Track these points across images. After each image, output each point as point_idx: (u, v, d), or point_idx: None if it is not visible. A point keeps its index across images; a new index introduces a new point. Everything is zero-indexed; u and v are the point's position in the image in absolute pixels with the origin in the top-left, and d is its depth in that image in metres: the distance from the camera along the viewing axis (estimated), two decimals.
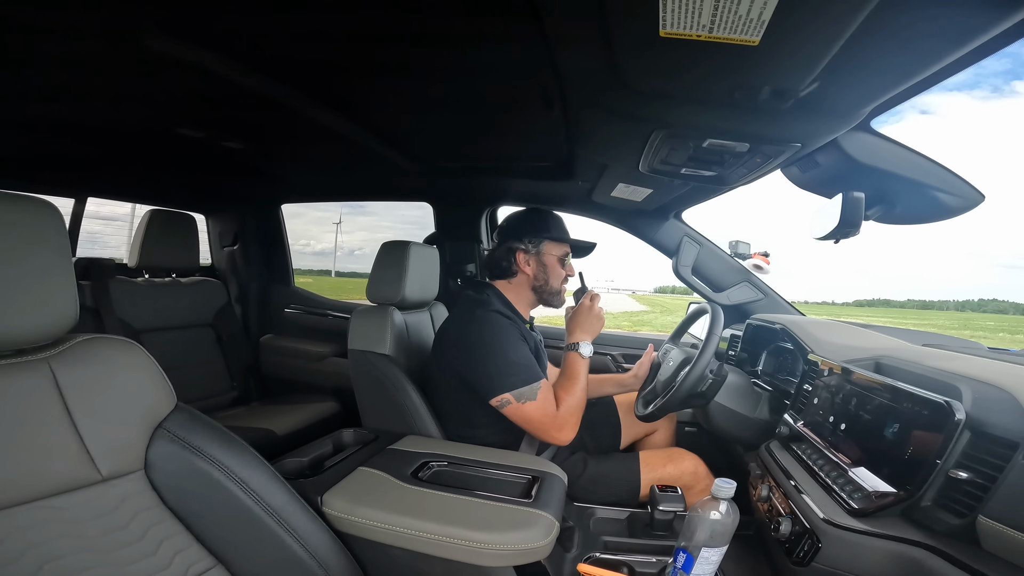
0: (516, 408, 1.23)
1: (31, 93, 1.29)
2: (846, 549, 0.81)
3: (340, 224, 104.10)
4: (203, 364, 2.33)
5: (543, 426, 1.25)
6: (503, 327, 1.30)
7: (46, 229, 0.65)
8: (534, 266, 1.45)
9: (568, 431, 1.27)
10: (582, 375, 1.33)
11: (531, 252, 1.44)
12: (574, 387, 1.30)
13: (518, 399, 1.22)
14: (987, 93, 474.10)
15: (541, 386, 1.25)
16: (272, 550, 0.80)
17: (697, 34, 0.66)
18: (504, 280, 1.47)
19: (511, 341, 1.28)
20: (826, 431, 1.02)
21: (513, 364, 1.24)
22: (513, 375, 1.23)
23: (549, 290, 1.46)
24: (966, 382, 0.80)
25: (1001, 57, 16.18)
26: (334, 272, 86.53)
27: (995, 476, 0.68)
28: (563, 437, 1.27)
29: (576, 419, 1.29)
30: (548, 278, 1.45)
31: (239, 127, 1.63)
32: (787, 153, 1.06)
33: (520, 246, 1.44)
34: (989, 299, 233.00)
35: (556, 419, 1.25)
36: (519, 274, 1.46)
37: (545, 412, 1.24)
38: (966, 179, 1.08)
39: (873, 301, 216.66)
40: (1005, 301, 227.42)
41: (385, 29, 0.97)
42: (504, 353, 1.25)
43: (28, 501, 0.63)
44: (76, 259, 2.04)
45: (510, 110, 1.37)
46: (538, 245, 1.44)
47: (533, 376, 1.25)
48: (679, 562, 0.91)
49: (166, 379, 0.78)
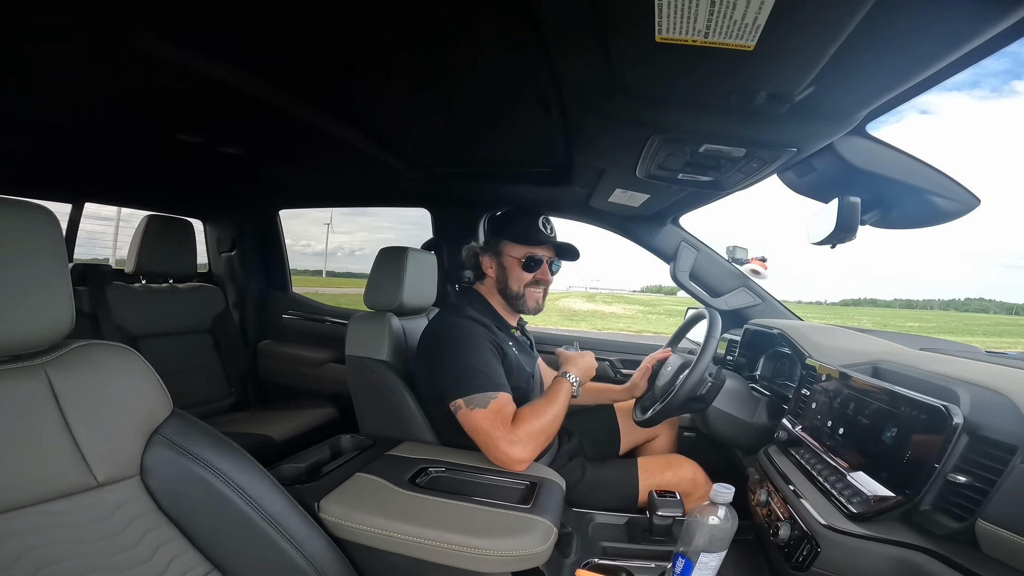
0: (465, 414, 1.18)
1: (28, 98, 1.29)
2: (845, 553, 0.81)
3: (331, 225, 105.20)
4: (200, 370, 2.33)
5: (490, 438, 1.15)
6: (468, 333, 1.27)
7: (42, 235, 0.64)
8: (496, 268, 1.43)
9: (520, 450, 1.15)
10: (560, 401, 1.24)
11: (490, 254, 1.43)
12: (546, 409, 1.21)
13: (468, 405, 1.17)
14: (987, 93, 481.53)
15: (497, 397, 1.18)
16: (269, 556, 0.80)
17: (693, 39, 0.67)
18: (482, 283, 1.48)
19: (473, 347, 1.25)
20: (824, 436, 1.02)
21: (470, 370, 1.21)
22: (466, 380, 1.19)
23: (510, 293, 1.41)
24: (964, 386, 0.80)
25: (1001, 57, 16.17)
26: (325, 272, 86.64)
27: (993, 480, 0.68)
28: (513, 454, 1.14)
29: (535, 443, 1.17)
30: (507, 280, 1.41)
31: (237, 132, 1.63)
32: (783, 158, 1.07)
33: (479, 248, 1.44)
34: (976, 298, 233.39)
35: (509, 434, 1.15)
36: (486, 277, 1.45)
37: (493, 424, 1.15)
38: (961, 183, 1.08)
39: (860, 300, 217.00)
40: (991, 300, 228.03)
41: (384, 35, 0.98)
42: (464, 358, 1.22)
43: (25, 506, 0.62)
44: (73, 264, 2.03)
45: (508, 115, 1.37)
46: (496, 246, 1.42)
47: (488, 385, 1.19)
48: (678, 567, 0.90)
49: (162, 385, 0.78)
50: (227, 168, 2.03)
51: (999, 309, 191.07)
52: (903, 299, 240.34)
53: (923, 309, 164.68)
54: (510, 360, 1.33)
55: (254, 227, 2.72)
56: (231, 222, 2.69)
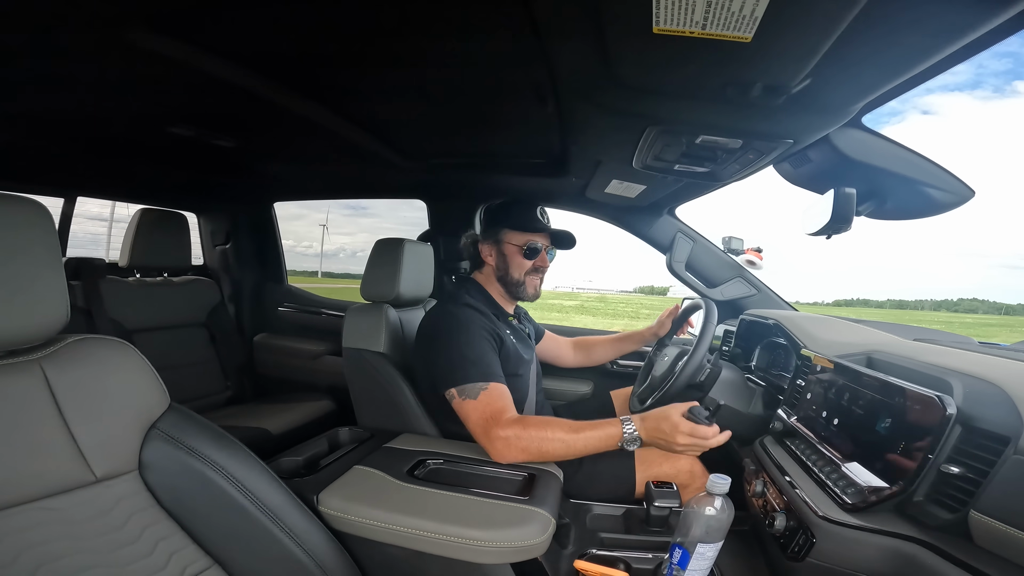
0: (458, 404, 1.19)
1: (18, 91, 1.27)
2: (840, 544, 0.82)
3: (326, 227, 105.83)
4: (197, 364, 2.33)
5: (479, 428, 1.15)
6: (465, 321, 1.28)
7: (35, 229, 0.64)
8: (495, 256, 1.45)
9: (501, 447, 1.12)
10: (585, 440, 1.12)
11: (490, 242, 1.44)
12: (558, 433, 1.12)
13: (460, 395, 1.19)
14: (989, 93, 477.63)
15: (488, 387, 1.18)
16: (269, 550, 0.80)
17: (690, 31, 0.67)
18: (479, 272, 1.49)
19: (469, 337, 1.25)
20: (819, 426, 1.03)
21: (464, 359, 1.21)
22: (461, 369, 1.20)
23: (510, 280, 1.44)
24: (957, 376, 0.81)
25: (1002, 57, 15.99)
26: (320, 272, 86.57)
27: (986, 471, 0.69)
28: (494, 448, 1.13)
29: (520, 450, 1.12)
30: (508, 268, 1.43)
31: (230, 125, 1.61)
32: (779, 149, 1.07)
33: (479, 236, 1.45)
34: (969, 298, 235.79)
35: (497, 428, 1.12)
36: (485, 265, 1.47)
37: (482, 414, 1.15)
38: (956, 175, 1.09)
39: (852, 301, 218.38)
40: (983, 301, 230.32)
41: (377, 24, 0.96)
42: (459, 348, 1.23)
43: (24, 502, 0.62)
44: (66, 259, 2.02)
45: (503, 106, 1.36)
46: (496, 234, 1.44)
47: (480, 376, 1.19)
48: (675, 558, 0.91)
49: (159, 379, 0.78)
50: (220, 161, 2.01)
51: (989, 309, 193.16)
52: (895, 299, 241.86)
53: (914, 310, 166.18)
54: (508, 348, 1.34)
55: (248, 219, 2.70)
56: (225, 215, 2.67)
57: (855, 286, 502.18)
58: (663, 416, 1.09)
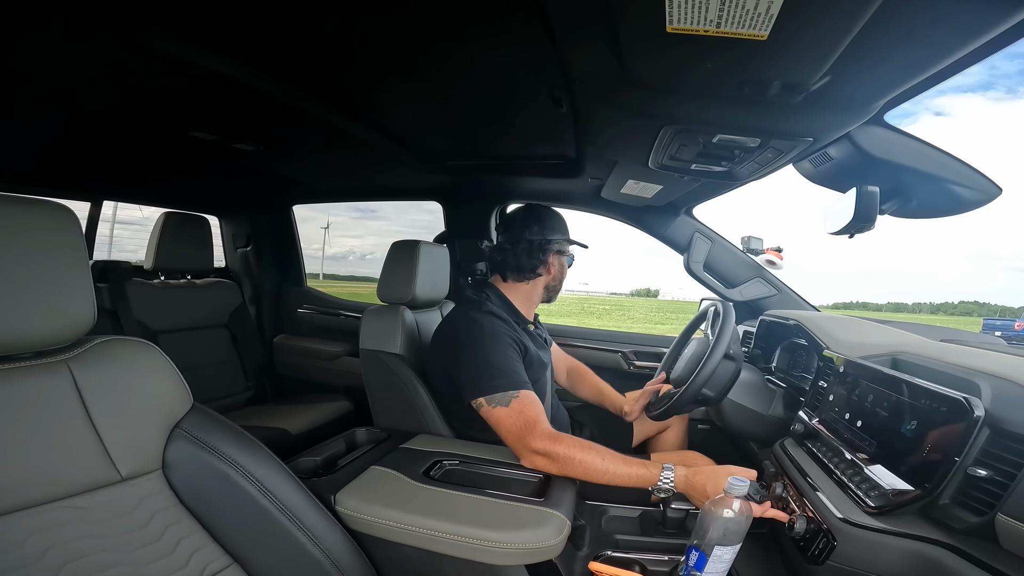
0: (488, 412, 1.18)
1: (46, 97, 1.31)
2: (862, 547, 0.80)
3: (328, 229, 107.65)
4: (218, 364, 2.36)
5: (512, 435, 1.15)
6: (491, 330, 1.27)
7: (63, 233, 0.66)
8: (558, 266, 1.47)
9: (536, 459, 1.12)
10: (624, 473, 1.10)
11: (554, 252, 1.45)
12: (597, 461, 1.10)
13: (490, 403, 1.18)
14: (1001, 94, 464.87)
15: (519, 395, 1.17)
16: (287, 549, 0.81)
17: (704, 29, 0.66)
18: (518, 279, 1.44)
19: (496, 345, 1.24)
20: (842, 428, 1.01)
21: (492, 368, 1.20)
22: (489, 379, 1.19)
23: (556, 288, 1.51)
24: (985, 378, 0.79)
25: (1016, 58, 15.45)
26: (322, 275, 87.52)
27: (1014, 474, 0.67)
28: (532, 455, 1.13)
29: (553, 462, 1.11)
30: (562, 277, 1.50)
31: (251, 129, 1.64)
32: (799, 148, 1.05)
33: (555, 246, 1.45)
34: (971, 301, 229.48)
35: (534, 439, 1.12)
36: (543, 273, 1.45)
37: (516, 422, 1.15)
38: (983, 172, 1.06)
39: (851, 304, 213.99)
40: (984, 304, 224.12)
41: (394, 30, 0.98)
42: (485, 357, 1.22)
43: (50, 501, 0.64)
44: (93, 262, 2.07)
45: (519, 108, 1.36)
46: (559, 244, 1.46)
47: (510, 384, 1.18)
48: (692, 560, 0.90)
49: (182, 380, 0.79)
50: (241, 165, 2.05)
51: (984, 311, 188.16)
52: (894, 302, 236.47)
53: (912, 312, 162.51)
54: (531, 355, 1.34)
55: (268, 223, 2.74)
56: (246, 218, 2.71)
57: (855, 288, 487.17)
58: (713, 478, 1.04)
